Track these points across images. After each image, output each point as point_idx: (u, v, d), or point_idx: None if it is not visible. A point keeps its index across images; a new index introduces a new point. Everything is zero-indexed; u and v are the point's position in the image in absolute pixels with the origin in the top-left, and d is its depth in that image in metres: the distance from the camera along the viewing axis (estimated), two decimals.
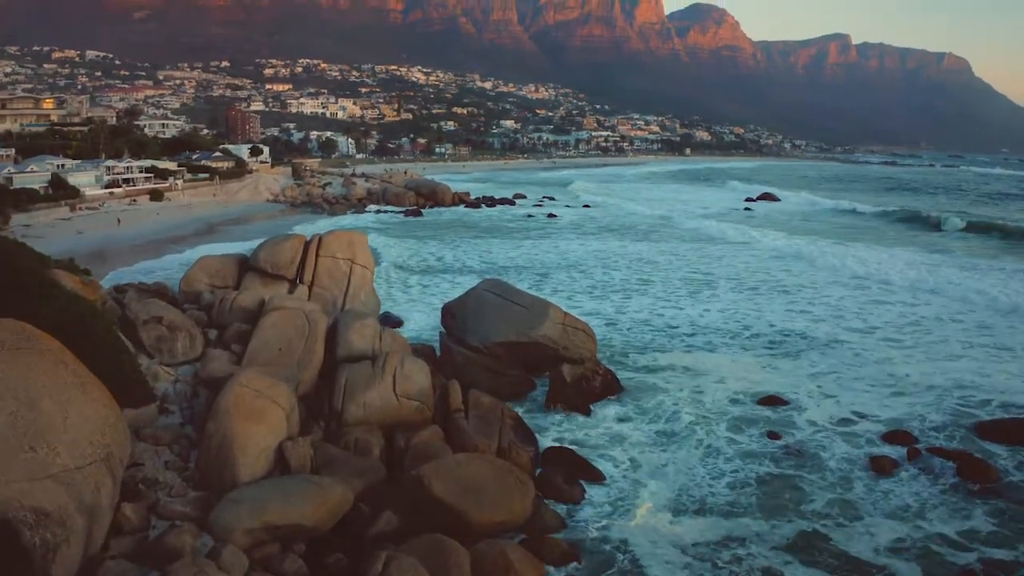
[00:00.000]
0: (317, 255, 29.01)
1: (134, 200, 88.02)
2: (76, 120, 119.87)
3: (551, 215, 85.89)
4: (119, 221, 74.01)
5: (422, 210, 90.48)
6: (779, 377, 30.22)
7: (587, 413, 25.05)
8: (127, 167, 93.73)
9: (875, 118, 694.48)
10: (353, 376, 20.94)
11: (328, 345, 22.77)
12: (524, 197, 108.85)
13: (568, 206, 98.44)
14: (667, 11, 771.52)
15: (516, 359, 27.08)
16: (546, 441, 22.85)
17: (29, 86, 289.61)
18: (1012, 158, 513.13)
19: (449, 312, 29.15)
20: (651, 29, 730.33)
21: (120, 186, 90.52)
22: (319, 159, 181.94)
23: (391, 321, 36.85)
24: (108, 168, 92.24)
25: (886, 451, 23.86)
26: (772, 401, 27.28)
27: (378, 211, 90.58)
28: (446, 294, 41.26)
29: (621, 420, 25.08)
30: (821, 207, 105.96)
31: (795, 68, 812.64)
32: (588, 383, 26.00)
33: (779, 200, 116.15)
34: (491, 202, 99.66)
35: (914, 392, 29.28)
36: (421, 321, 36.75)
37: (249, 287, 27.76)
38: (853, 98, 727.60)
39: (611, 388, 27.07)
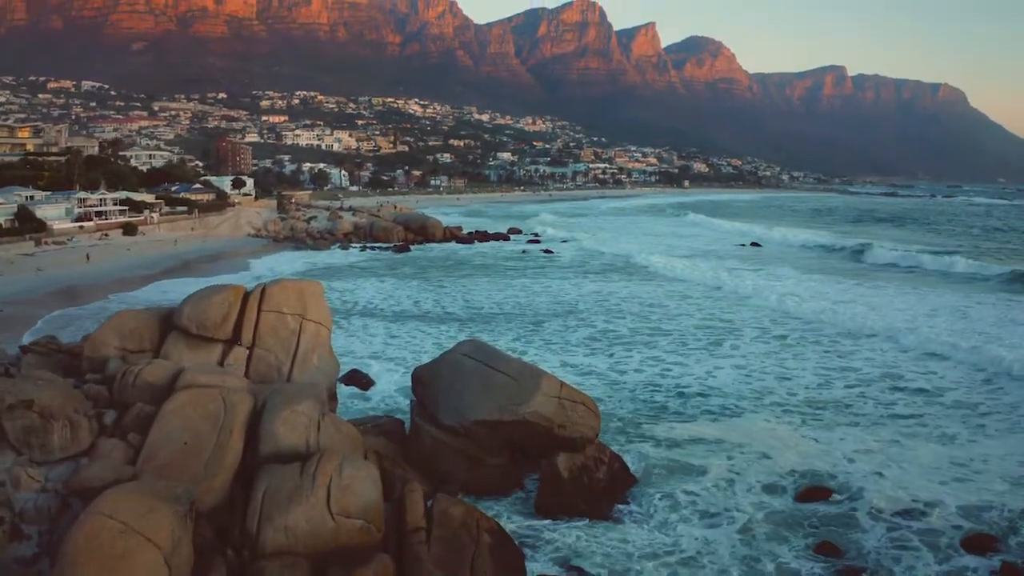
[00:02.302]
0: (259, 310, 23.70)
1: (105, 234, 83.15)
2: (53, 150, 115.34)
3: (547, 251, 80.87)
4: (88, 257, 69.16)
5: (411, 246, 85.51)
6: (822, 454, 24.76)
7: (589, 516, 19.67)
8: (100, 199, 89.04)
9: (871, 149, 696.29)
10: (274, 487, 15.57)
11: (251, 436, 17.43)
12: (519, 232, 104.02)
13: (564, 241, 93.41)
14: (664, 44, 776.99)
15: (500, 442, 21.73)
16: (537, 563, 17.45)
17: (23, 116, 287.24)
18: (1010, 187, 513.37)
19: (419, 380, 23.86)
20: (648, 62, 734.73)
21: (91, 219, 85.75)
22: (310, 191, 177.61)
23: (358, 381, 31.60)
24: (80, 200, 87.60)
25: (970, 564, 18.59)
26: (819, 494, 21.86)
27: (364, 247, 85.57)
28: (423, 347, 36.05)
29: (631, 525, 19.69)
30: (832, 245, 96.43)
31: (791, 100, 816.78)
32: (590, 476, 20.63)
33: (781, 237, 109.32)
34: (484, 237, 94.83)
35: (984, 470, 24.07)
36: (394, 381, 31.49)
37: (171, 352, 22.43)
38: (849, 129, 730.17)
39: (620, 480, 21.68)
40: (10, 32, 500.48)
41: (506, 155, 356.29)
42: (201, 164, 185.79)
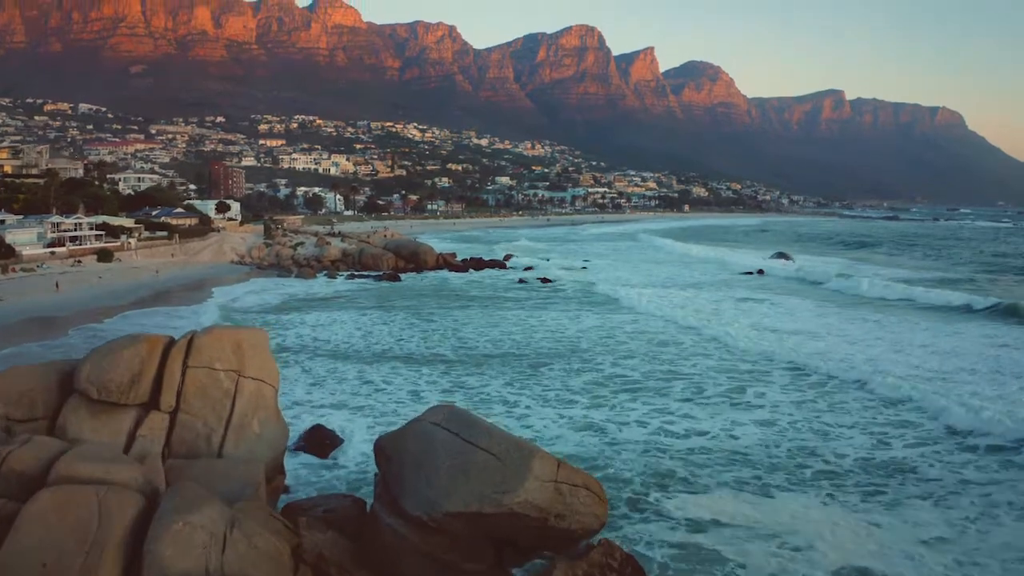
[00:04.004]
0: (185, 365, 19.15)
1: (79, 261, 78.96)
2: (33, 171, 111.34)
3: (545, 279, 76.24)
4: (57, 286, 64.89)
5: (401, 274, 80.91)
6: (881, 549, 19.95)
7: None
8: (76, 224, 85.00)
9: (870, 172, 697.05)
10: None
11: (133, 556, 12.78)
12: (514, 257, 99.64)
13: (564, 268, 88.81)
14: (662, 68, 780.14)
15: (480, 538, 17.05)
16: None
17: (18, 138, 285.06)
18: (1010, 210, 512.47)
19: (382, 452, 19.17)
20: (646, 87, 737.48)
21: (64, 245, 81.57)
22: (303, 216, 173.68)
23: (320, 441, 26.84)
24: (54, 224, 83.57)
25: None
26: None
27: (351, 275, 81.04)
28: (399, 396, 31.43)
29: None
30: (844, 275, 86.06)
31: (790, 124, 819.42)
32: None
33: (786, 265, 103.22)
34: (479, 264, 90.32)
35: None
36: (366, 439, 26.64)
37: (69, 422, 17.87)
38: (848, 153, 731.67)
39: None
40: (9, 54, 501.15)
41: (505, 179, 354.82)
42: (194, 188, 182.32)
